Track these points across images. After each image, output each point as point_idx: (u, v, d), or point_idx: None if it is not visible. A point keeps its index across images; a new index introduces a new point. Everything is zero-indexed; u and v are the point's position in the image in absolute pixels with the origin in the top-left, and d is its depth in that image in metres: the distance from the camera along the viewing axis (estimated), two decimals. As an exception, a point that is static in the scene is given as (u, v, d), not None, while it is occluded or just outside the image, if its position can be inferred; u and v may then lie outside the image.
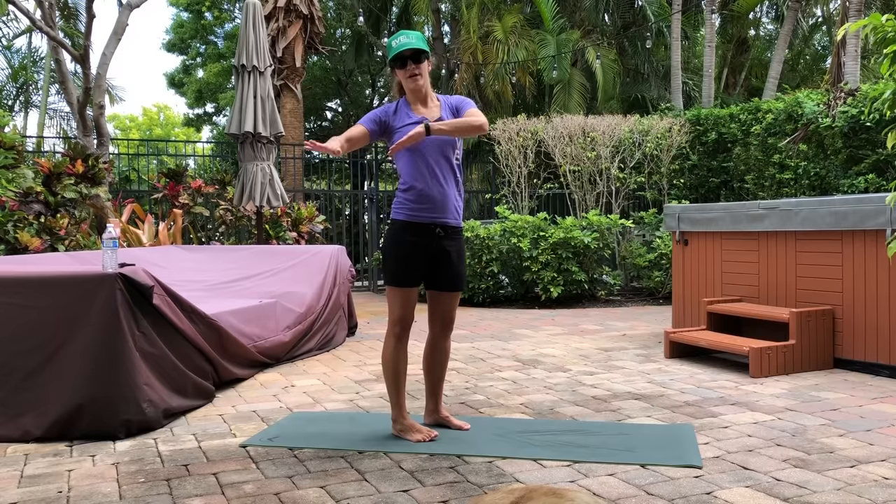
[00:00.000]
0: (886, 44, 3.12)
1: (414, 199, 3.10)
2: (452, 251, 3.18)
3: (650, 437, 3.14)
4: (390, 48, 3.11)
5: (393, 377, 3.15)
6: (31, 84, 19.56)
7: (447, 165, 3.14)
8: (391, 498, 2.50)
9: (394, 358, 3.15)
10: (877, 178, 7.97)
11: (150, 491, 2.60)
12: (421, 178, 3.09)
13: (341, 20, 19.90)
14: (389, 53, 3.12)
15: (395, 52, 3.09)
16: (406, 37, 3.09)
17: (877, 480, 2.62)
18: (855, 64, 10.00)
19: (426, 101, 3.18)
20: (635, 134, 9.90)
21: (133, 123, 32.14)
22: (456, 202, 3.18)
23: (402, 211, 3.12)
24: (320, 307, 5.53)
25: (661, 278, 8.61)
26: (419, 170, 3.09)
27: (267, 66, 6.99)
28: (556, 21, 14.07)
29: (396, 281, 3.11)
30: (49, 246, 6.49)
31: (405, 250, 3.10)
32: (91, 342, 3.23)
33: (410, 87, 3.13)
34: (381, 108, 3.18)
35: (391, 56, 3.11)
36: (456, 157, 3.17)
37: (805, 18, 18.17)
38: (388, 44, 3.15)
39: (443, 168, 3.12)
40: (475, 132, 3.06)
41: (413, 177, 3.10)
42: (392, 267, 3.11)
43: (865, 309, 4.50)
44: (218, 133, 22.59)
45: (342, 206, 13.32)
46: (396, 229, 3.12)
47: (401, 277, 3.10)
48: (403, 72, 3.11)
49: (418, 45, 3.07)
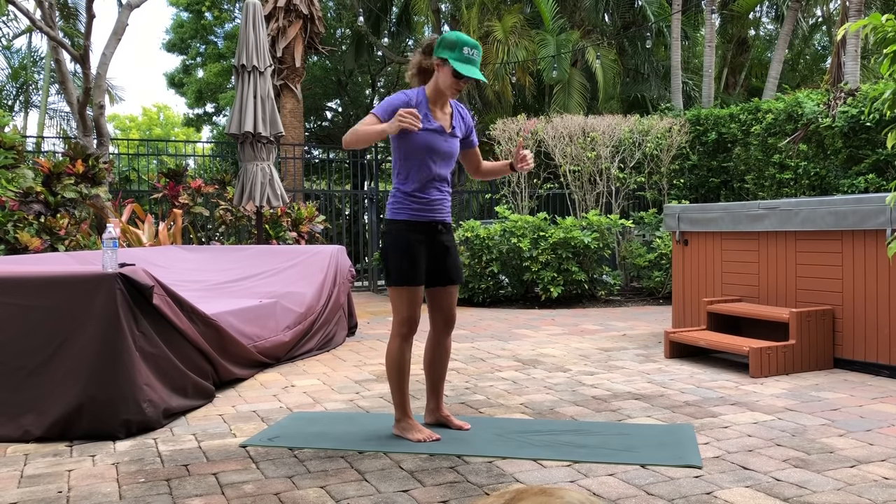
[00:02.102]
0: (886, 44, 3.12)
1: (417, 201, 3.12)
2: (451, 245, 3.25)
3: (650, 437, 3.14)
4: (457, 48, 3.02)
5: (398, 378, 3.15)
6: (31, 84, 19.57)
7: (449, 171, 3.22)
8: (391, 498, 2.50)
9: (401, 358, 3.14)
10: (877, 178, 7.97)
11: (150, 491, 2.60)
12: (429, 184, 3.13)
13: (341, 20, 19.91)
14: (453, 53, 3.01)
15: (463, 63, 3.01)
16: (476, 52, 3.04)
17: (877, 480, 2.62)
18: (855, 64, 10.01)
19: (445, 105, 3.19)
20: (635, 134, 9.90)
21: (133, 123, 32.15)
22: (449, 200, 3.27)
23: (405, 211, 3.12)
24: (320, 307, 5.53)
25: (661, 278, 8.61)
26: (428, 174, 3.12)
27: (267, 66, 6.99)
28: (556, 21, 14.08)
29: (405, 280, 3.10)
30: (49, 246, 6.50)
31: (412, 249, 3.11)
32: (91, 342, 3.23)
33: (447, 91, 3.09)
34: (398, 99, 3.08)
35: (455, 59, 3.01)
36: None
37: (805, 18, 18.17)
38: (456, 41, 3.02)
39: (447, 174, 3.20)
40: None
41: (421, 181, 3.12)
42: (398, 266, 3.10)
43: (865, 309, 4.50)
44: (218, 133, 22.59)
45: (342, 206, 13.32)
46: (400, 229, 3.12)
47: (409, 276, 3.09)
48: (454, 80, 3.05)
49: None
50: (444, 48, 3.04)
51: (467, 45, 3.03)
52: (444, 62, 3.05)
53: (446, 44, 3.04)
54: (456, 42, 3.03)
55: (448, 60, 3.03)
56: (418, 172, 3.11)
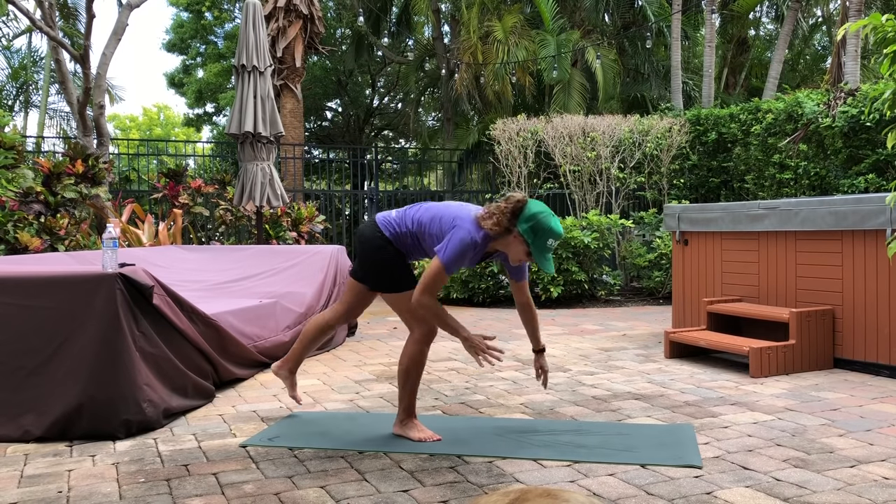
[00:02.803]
0: (886, 44, 3.12)
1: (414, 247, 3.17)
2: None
3: (650, 437, 3.14)
4: (543, 236, 2.88)
5: (415, 380, 3.17)
6: (31, 84, 19.56)
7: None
8: (391, 498, 2.51)
9: (421, 363, 3.16)
10: (877, 178, 7.97)
11: (150, 491, 2.60)
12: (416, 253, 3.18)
13: (341, 20, 19.91)
14: (538, 241, 2.89)
15: (543, 254, 2.92)
16: (556, 242, 2.98)
17: (877, 480, 2.62)
18: (855, 64, 10.01)
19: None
20: (635, 134, 9.90)
21: (133, 123, 32.16)
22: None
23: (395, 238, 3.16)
24: (320, 307, 5.53)
25: (661, 278, 8.61)
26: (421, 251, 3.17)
27: (267, 66, 6.99)
28: (556, 21, 14.07)
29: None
30: (49, 246, 6.49)
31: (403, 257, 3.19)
32: (91, 342, 3.23)
33: (511, 258, 3.02)
34: (465, 246, 2.92)
35: (537, 249, 2.90)
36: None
37: (805, 18, 18.17)
38: (546, 229, 2.88)
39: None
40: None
41: (410, 251, 3.16)
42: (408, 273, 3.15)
43: (865, 309, 4.50)
44: (218, 133, 22.59)
45: (342, 206, 13.32)
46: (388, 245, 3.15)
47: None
48: (525, 257, 2.96)
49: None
50: (530, 229, 2.88)
51: (553, 236, 2.89)
52: (525, 243, 2.92)
53: (535, 226, 2.88)
54: (545, 230, 2.88)
55: (530, 247, 2.91)
56: (418, 251, 3.18)
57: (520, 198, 2.92)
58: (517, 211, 2.91)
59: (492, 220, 2.91)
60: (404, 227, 3.12)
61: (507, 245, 2.98)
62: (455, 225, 2.96)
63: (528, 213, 2.90)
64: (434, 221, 3.04)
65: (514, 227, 2.91)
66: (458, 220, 2.97)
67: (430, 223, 3.05)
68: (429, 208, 3.11)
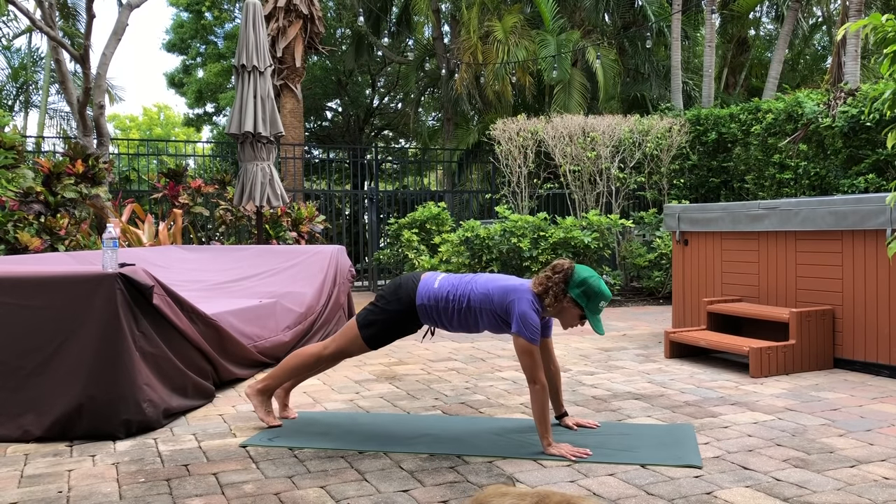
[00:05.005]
0: (886, 44, 3.12)
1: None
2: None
3: (650, 437, 3.15)
4: (595, 299, 2.98)
5: (293, 375, 3.40)
6: (31, 84, 19.56)
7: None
8: (391, 498, 2.50)
9: (310, 368, 3.38)
10: (877, 178, 7.97)
11: (150, 491, 2.60)
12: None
13: (341, 20, 19.90)
14: (590, 304, 2.98)
15: (595, 316, 2.99)
16: (609, 299, 3.03)
17: (877, 480, 2.62)
18: (855, 64, 10.01)
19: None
20: (635, 134, 9.90)
21: (133, 123, 32.16)
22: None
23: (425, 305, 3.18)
24: (320, 307, 5.53)
25: (661, 278, 8.61)
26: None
27: (267, 66, 6.99)
28: (556, 21, 14.07)
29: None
30: (49, 246, 6.50)
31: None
32: (91, 342, 3.23)
33: (563, 324, 3.08)
34: (536, 318, 2.98)
35: (591, 311, 2.98)
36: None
37: (805, 18, 18.17)
38: (597, 293, 2.97)
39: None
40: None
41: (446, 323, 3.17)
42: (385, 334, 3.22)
43: (865, 309, 4.50)
44: (218, 133, 22.59)
45: (342, 206, 13.33)
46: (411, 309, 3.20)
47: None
48: (580, 319, 3.02)
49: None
50: (582, 294, 2.97)
51: (605, 298, 2.97)
52: (577, 306, 3.00)
53: (586, 291, 2.97)
54: (596, 294, 2.96)
55: (584, 310, 2.99)
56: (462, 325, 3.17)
57: (567, 265, 2.98)
58: (567, 278, 2.97)
59: (548, 293, 2.98)
60: (451, 302, 3.09)
61: (559, 311, 3.02)
62: (512, 299, 3.00)
63: (578, 279, 2.97)
64: (486, 298, 3.04)
65: (567, 293, 2.98)
66: (514, 293, 3.01)
67: (482, 299, 3.05)
68: (476, 286, 3.09)
